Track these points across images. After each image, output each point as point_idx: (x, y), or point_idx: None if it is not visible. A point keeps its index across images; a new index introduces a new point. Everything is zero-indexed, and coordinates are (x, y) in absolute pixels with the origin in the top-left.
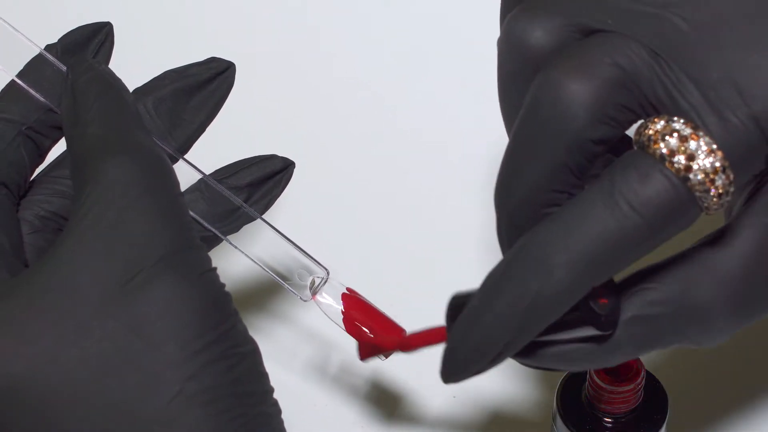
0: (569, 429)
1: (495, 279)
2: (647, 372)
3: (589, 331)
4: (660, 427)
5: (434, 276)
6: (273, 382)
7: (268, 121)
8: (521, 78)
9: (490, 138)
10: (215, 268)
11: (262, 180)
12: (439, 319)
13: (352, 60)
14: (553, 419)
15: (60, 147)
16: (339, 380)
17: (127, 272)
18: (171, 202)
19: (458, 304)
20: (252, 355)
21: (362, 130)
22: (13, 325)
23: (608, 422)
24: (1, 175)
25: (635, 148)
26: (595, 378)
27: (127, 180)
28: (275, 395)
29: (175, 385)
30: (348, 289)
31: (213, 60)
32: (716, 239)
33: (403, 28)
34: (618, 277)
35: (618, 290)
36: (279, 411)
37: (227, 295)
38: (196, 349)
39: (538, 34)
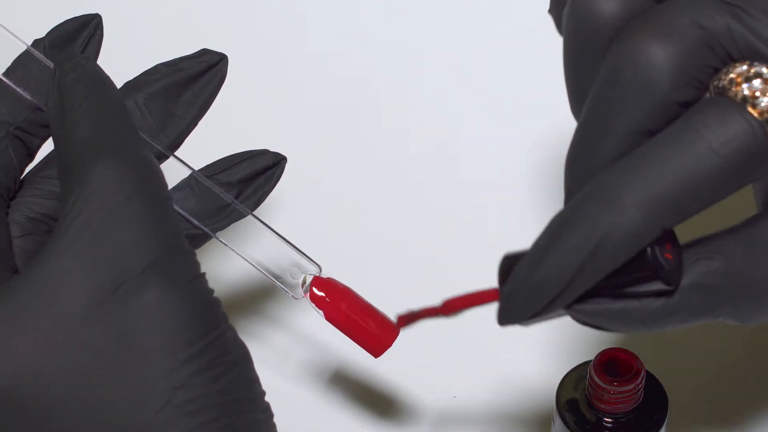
0: (569, 429)
1: (563, 216)
2: (647, 372)
3: (652, 285)
4: (660, 427)
5: (432, 275)
6: (266, 385)
7: (259, 116)
8: (593, 50)
9: (491, 137)
10: (204, 274)
11: (254, 176)
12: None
13: (349, 55)
14: (553, 419)
15: (49, 144)
16: (334, 382)
17: (115, 280)
18: (159, 207)
19: (510, 265)
20: (242, 361)
21: (357, 126)
22: None
23: (608, 422)
24: None
25: (712, 95)
26: (595, 378)
27: (114, 184)
28: (268, 398)
29: (163, 395)
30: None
31: (205, 52)
32: None
33: (402, 25)
34: (682, 240)
35: (681, 248)
36: (270, 416)
37: (216, 301)
38: (184, 359)
39: (611, 4)
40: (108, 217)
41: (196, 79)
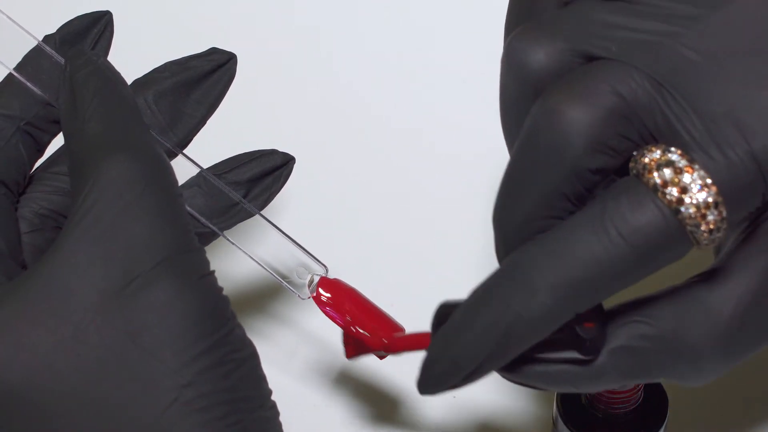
0: (569, 429)
1: (478, 296)
2: None
3: (573, 354)
4: (660, 427)
5: (435, 276)
6: (272, 384)
7: (267, 115)
8: (522, 99)
9: (491, 137)
10: (213, 272)
11: (262, 175)
12: None
13: (352, 55)
14: (554, 420)
15: (59, 140)
16: (338, 382)
17: (125, 277)
18: (170, 203)
19: (444, 314)
20: (250, 359)
21: (361, 126)
22: (9, 332)
23: (608, 422)
24: (0, 173)
25: (631, 174)
26: None
27: (126, 180)
28: (274, 397)
29: (171, 392)
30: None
31: (214, 51)
32: (710, 277)
33: (402, 25)
34: (610, 304)
35: (605, 317)
36: (277, 414)
37: (225, 299)
38: (192, 356)
39: (540, 57)
40: (119, 212)
41: (205, 78)
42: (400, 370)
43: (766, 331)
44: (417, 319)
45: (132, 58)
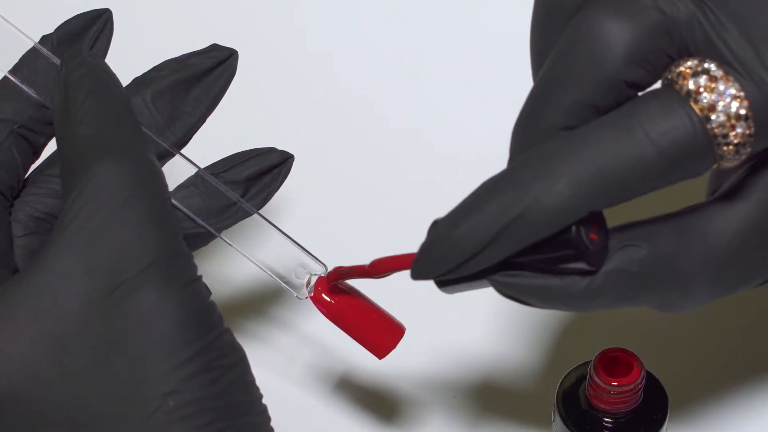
0: (569, 429)
1: (494, 179)
2: (647, 372)
3: (575, 264)
4: (660, 427)
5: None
6: (270, 388)
7: (265, 114)
8: (556, 19)
9: (491, 137)
10: (200, 277)
11: (260, 174)
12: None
13: (351, 54)
14: (553, 419)
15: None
16: (338, 386)
17: (110, 284)
18: (158, 208)
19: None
20: (238, 364)
21: (360, 125)
22: None
23: (608, 422)
24: None
25: (663, 84)
26: (595, 378)
27: (114, 185)
28: (272, 402)
29: (154, 401)
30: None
31: (215, 48)
32: (710, 206)
33: (403, 25)
34: (613, 222)
35: (608, 232)
36: (267, 419)
37: (212, 305)
38: (177, 363)
39: None
40: (106, 218)
41: (205, 76)
42: (395, 370)
43: (760, 268)
44: (417, 319)
45: (133, 56)
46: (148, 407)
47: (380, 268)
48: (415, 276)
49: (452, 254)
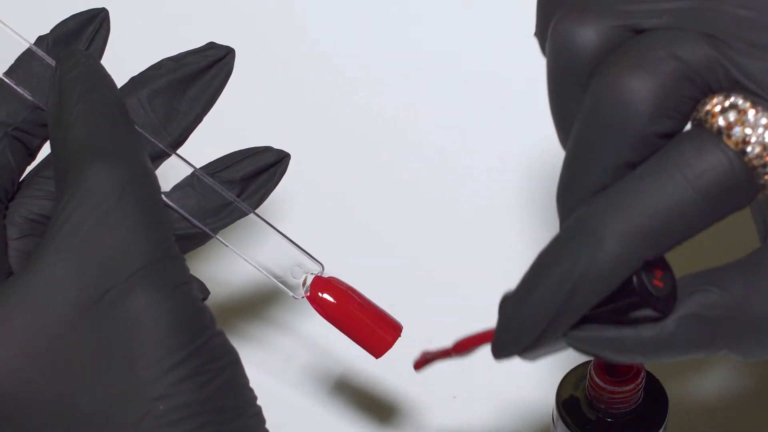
0: (569, 429)
1: (545, 253)
2: (647, 372)
3: (647, 312)
4: (660, 427)
5: (435, 275)
6: (267, 391)
7: (262, 113)
8: (574, 81)
9: (491, 137)
10: (191, 281)
11: (256, 173)
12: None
13: (351, 54)
14: (553, 419)
15: None
16: (335, 388)
17: (99, 288)
18: (149, 211)
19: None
20: (230, 367)
21: (359, 125)
22: None
23: (608, 422)
24: None
25: (692, 125)
26: (595, 378)
27: (105, 189)
28: (269, 404)
29: (143, 406)
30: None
31: (211, 46)
32: None
33: (403, 25)
34: (679, 275)
35: (674, 278)
36: (261, 421)
37: (203, 308)
38: (166, 368)
39: (589, 36)
40: (96, 222)
41: (201, 74)
42: (394, 370)
43: None
44: (417, 319)
45: (130, 55)
46: (138, 412)
47: (464, 347)
48: (497, 356)
49: (524, 333)
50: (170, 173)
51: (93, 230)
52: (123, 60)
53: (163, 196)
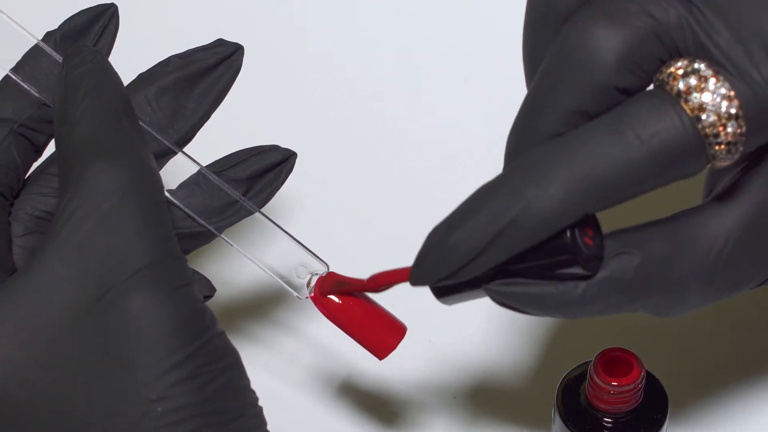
0: (569, 429)
1: (488, 186)
2: (647, 372)
3: (570, 269)
4: (660, 427)
5: None
6: (270, 392)
7: (268, 113)
8: (548, 27)
9: (491, 137)
10: (192, 281)
11: (262, 172)
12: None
13: (353, 54)
14: (553, 419)
15: None
16: (339, 390)
17: (99, 289)
18: (150, 212)
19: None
20: (230, 369)
21: (360, 125)
22: None
23: (608, 422)
24: None
25: (654, 85)
26: (595, 378)
27: (106, 189)
28: (274, 404)
29: (141, 407)
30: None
31: (220, 43)
32: (701, 212)
33: (403, 25)
34: (604, 231)
35: (602, 238)
36: (261, 423)
37: (203, 309)
38: (164, 370)
39: None
40: (97, 222)
41: (209, 71)
42: (394, 370)
43: (749, 273)
44: (417, 320)
45: (138, 51)
46: (136, 413)
47: (379, 282)
48: (414, 282)
49: (448, 260)
50: (176, 171)
51: (94, 230)
52: (131, 56)
53: (168, 194)
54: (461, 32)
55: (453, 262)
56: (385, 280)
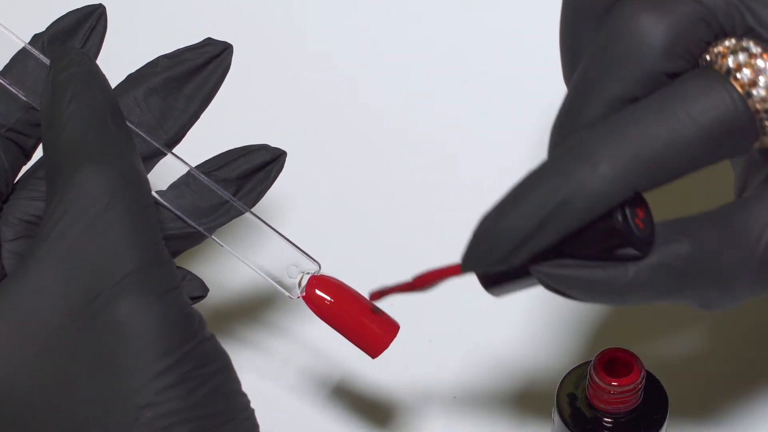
0: (569, 429)
1: (537, 170)
2: (647, 372)
3: (622, 250)
4: (660, 427)
5: None
6: (263, 395)
7: (258, 112)
8: (589, 18)
9: (491, 137)
10: (180, 285)
11: (252, 171)
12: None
13: (349, 53)
14: (553, 419)
15: None
16: (333, 392)
17: (88, 294)
18: (138, 216)
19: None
20: (220, 372)
21: (357, 124)
22: None
23: (608, 422)
24: None
25: (701, 65)
26: (595, 378)
27: (93, 193)
28: (266, 407)
29: (131, 413)
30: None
31: (209, 42)
32: (753, 201)
33: (402, 25)
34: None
35: (653, 221)
36: (253, 426)
37: (191, 313)
38: (152, 375)
39: None
40: (85, 226)
41: (198, 71)
42: (394, 370)
43: None
44: (416, 319)
45: (127, 52)
46: (125, 419)
47: (427, 280)
48: (465, 268)
49: (499, 245)
50: (166, 172)
51: (81, 236)
52: (120, 57)
53: (157, 195)
54: (460, 33)
55: (504, 246)
56: (433, 278)
